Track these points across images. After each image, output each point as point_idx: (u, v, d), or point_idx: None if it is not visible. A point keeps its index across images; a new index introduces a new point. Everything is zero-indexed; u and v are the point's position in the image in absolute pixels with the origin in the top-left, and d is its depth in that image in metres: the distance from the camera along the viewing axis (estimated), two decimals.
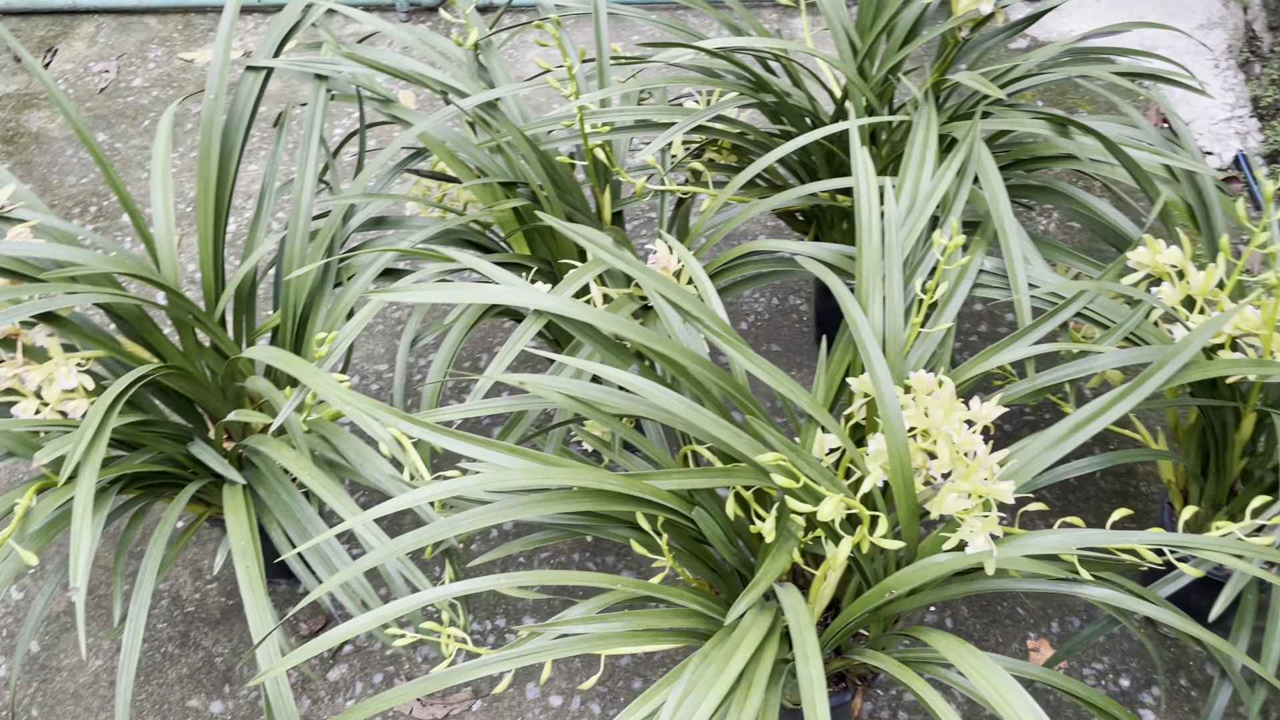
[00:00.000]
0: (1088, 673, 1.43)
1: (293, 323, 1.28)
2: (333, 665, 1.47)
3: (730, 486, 1.13)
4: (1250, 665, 0.98)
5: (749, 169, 1.29)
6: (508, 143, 1.30)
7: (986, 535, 0.97)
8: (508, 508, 0.93)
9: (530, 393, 1.06)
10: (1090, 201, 1.27)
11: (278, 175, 1.34)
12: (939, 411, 1.05)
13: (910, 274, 1.15)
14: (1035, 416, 1.71)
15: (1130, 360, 1.08)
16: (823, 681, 0.81)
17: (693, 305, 1.04)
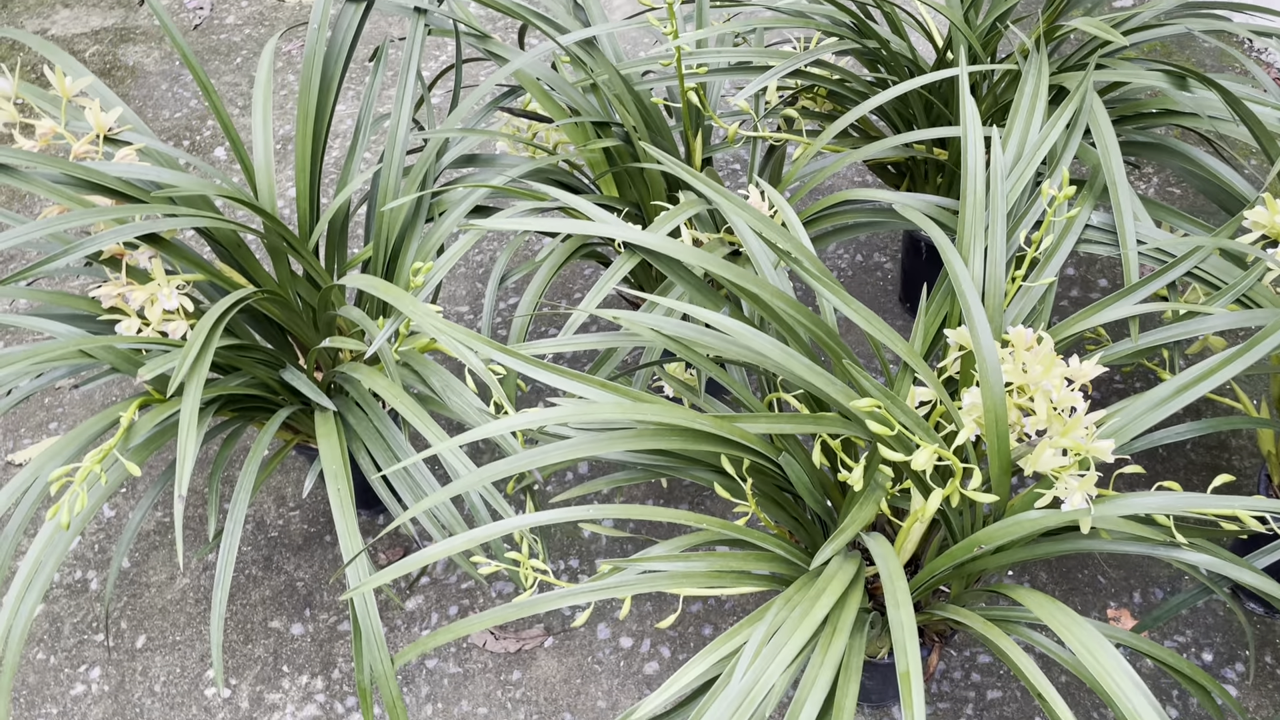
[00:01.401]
0: (1170, 644, 1.40)
1: (385, 255, 1.29)
2: (409, 595, 1.50)
3: (817, 434, 1.12)
4: None
5: (848, 115, 1.27)
6: (603, 81, 1.29)
7: (1084, 493, 0.95)
8: (596, 441, 0.93)
9: (622, 330, 1.06)
10: (1204, 160, 1.22)
11: (371, 112, 1.35)
12: (1037, 367, 1.02)
13: (1014, 226, 1.12)
14: (1125, 385, 1.66)
15: (1241, 323, 1.05)
16: (914, 627, 0.81)
17: (787, 242, 1.02)
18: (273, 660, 1.45)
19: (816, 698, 0.84)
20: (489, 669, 1.43)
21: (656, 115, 1.41)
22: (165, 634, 1.49)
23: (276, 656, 1.45)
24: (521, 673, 1.42)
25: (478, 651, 1.44)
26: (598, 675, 1.42)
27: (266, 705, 1.41)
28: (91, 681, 1.45)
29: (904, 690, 0.77)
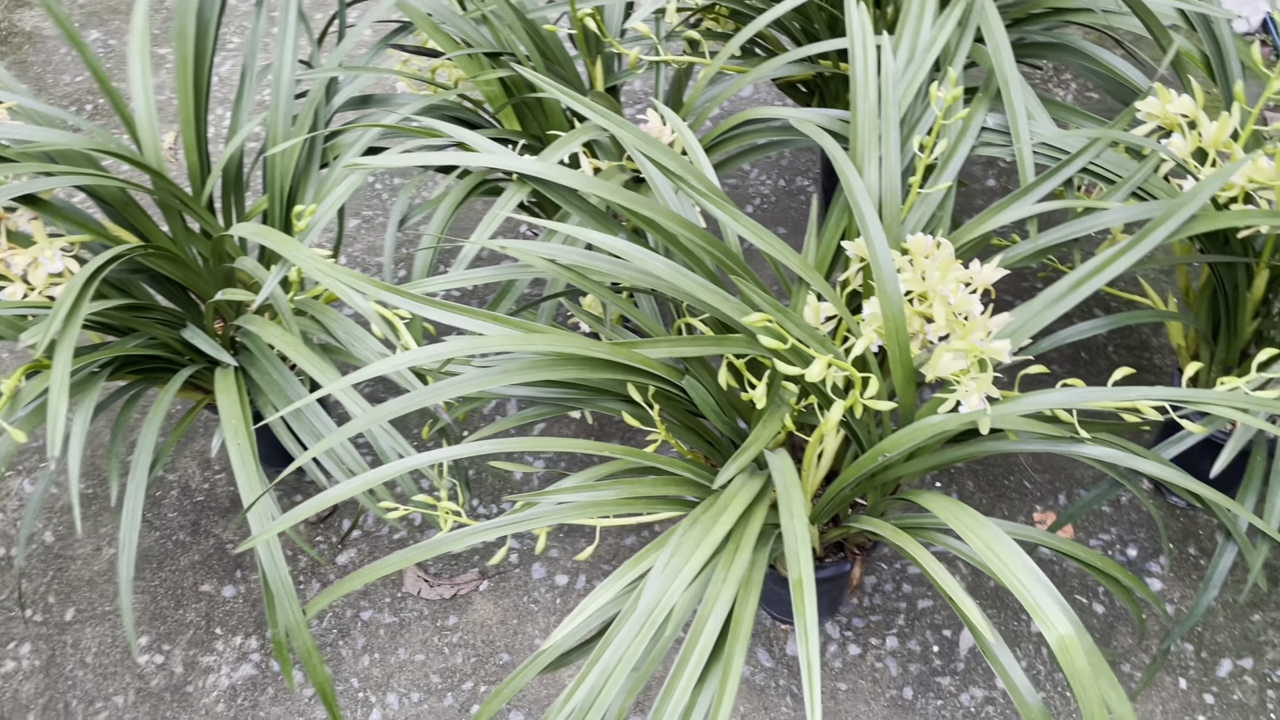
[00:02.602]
0: (1094, 543, 1.42)
1: (280, 205, 1.25)
2: (341, 550, 1.49)
3: (723, 356, 1.12)
4: (1253, 521, 0.97)
5: (742, 32, 1.24)
6: (492, 12, 1.25)
7: (981, 395, 0.95)
8: (488, 374, 0.92)
9: (518, 262, 1.04)
10: (1100, 55, 1.21)
11: (257, 58, 1.30)
12: (936, 273, 1.02)
13: (909, 133, 1.11)
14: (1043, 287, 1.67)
15: (1137, 216, 1.04)
16: (806, 536, 0.80)
17: (676, 164, 1.00)
18: (205, 624, 1.43)
19: (719, 613, 0.84)
20: (425, 616, 1.42)
21: (555, 43, 1.37)
22: (94, 605, 1.47)
23: (209, 619, 1.44)
24: (458, 617, 1.42)
25: (413, 600, 1.44)
26: (534, 614, 1.42)
27: (201, 668, 1.39)
28: (22, 658, 1.42)
29: (795, 598, 0.77)
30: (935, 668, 1.33)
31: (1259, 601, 1.36)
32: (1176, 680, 1.30)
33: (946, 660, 1.34)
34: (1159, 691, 1.29)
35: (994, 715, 1.29)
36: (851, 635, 1.37)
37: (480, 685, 1.35)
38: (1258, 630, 1.34)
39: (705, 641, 0.83)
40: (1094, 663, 0.84)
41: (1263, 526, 0.98)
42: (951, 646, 1.34)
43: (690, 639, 0.84)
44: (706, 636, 0.83)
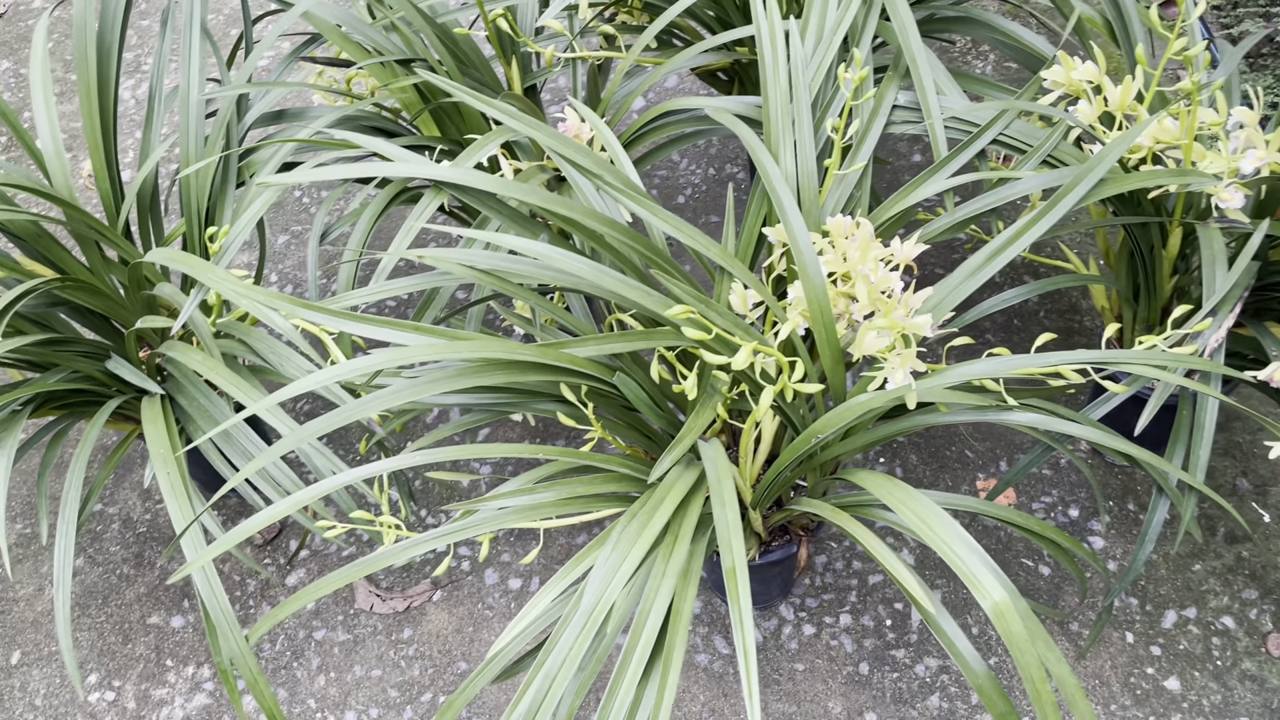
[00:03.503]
0: (1037, 506, 1.45)
1: (198, 226, 1.23)
2: (290, 570, 1.47)
3: (654, 349, 1.12)
4: (1179, 475, 0.99)
5: (653, 25, 1.24)
6: (401, 18, 1.24)
7: (906, 370, 0.96)
8: (415, 385, 0.91)
9: (438, 270, 1.03)
10: (1005, 26, 1.23)
11: (164, 79, 1.28)
12: (856, 253, 1.03)
13: (822, 115, 1.12)
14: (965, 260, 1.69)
15: (1049, 183, 1.06)
16: (739, 526, 0.81)
17: (591, 161, 1.00)
18: (155, 656, 1.41)
19: (660, 606, 0.84)
20: (379, 631, 1.41)
21: (469, 46, 1.36)
22: (40, 646, 1.44)
23: (159, 652, 1.42)
24: (413, 630, 1.41)
25: (366, 616, 1.43)
26: (489, 620, 1.41)
27: (154, 701, 1.37)
28: None
29: (729, 586, 0.77)
30: (889, 641, 1.35)
31: (1199, 551, 1.39)
32: (1124, 635, 1.33)
33: (900, 633, 1.35)
34: (1107, 647, 1.32)
35: (949, 684, 1.30)
36: (806, 615, 1.38)
37: (439, 696, 1.35)
38: (1199, 580, 1.37)
39: (648, 636, 0.83)
40: (1030, 626, 0.85)
41: (1189, 480, 1.00)
42: (904, 619, 1.36)
43: (633, 634, 0.84)
44: (649, 631, 0.83)
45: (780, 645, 1.36)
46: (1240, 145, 1.08)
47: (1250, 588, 1.35)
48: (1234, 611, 1.33)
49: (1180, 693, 1.27)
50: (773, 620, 1.38)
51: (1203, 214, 1.14)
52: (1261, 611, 1.33)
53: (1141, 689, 1.28)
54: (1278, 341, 1.09)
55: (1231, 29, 1.92)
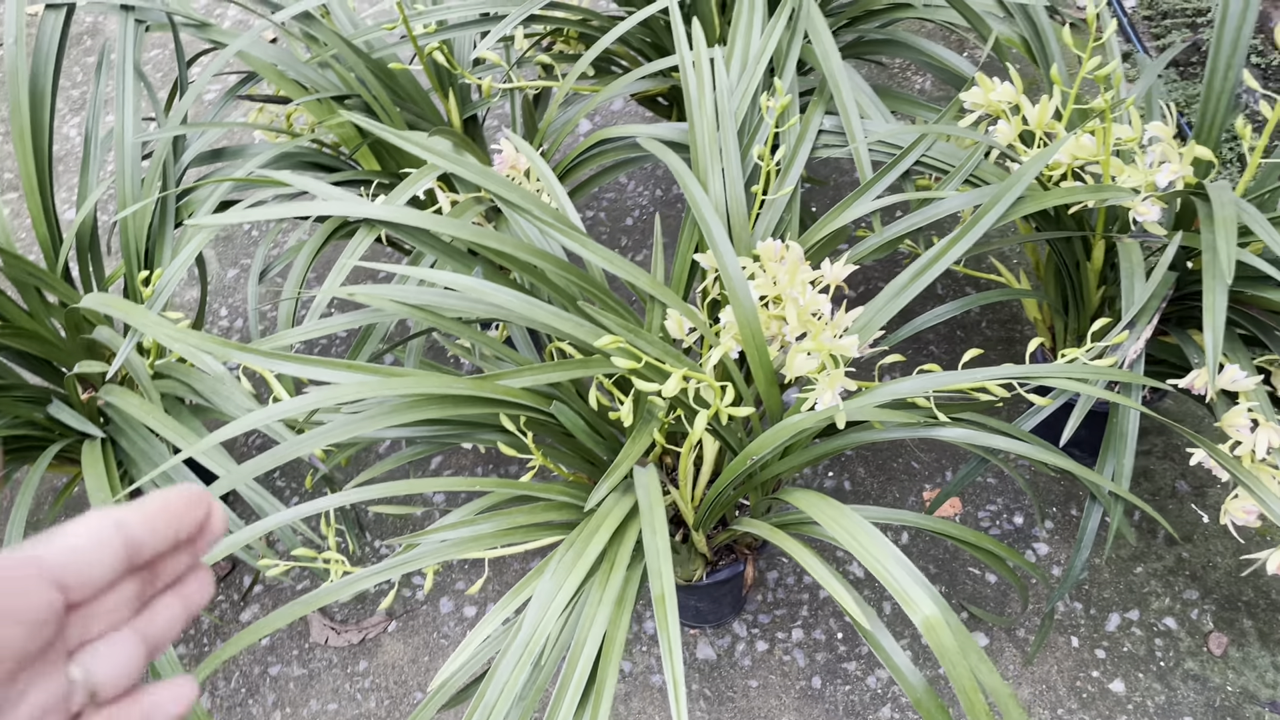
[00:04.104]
0: (982, 514, 1.47)
1: (137, 268, 1.24)
2: (244, 607, 1.47)
3: (593, 377, 1.13)
4: (1104, 483, 1.01)
5: (587, 54, 1.26)
6: (332, 55, 1.25)
7: (834, 392, 0.98)
8: (351, 422, 0.92)
9: (371, 307, 1.04)
10: (928, 47, 1.25)
11: (100, 121, 1.28)
12: (786, 276, 1.05)
13: (749, 142, 1.14)
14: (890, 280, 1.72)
15: (971, 201, 1.08)
16: (667, 550, 0.82)
17: (517, 195, 1.02)
18: None
19: (596, 633, 0.85)
20: (334, 665, 1.41)
21: (406, 80, 1.38)
22: None
23: None
24: (368, 661, 1.41)
25: (321, 650, 1.43)
26: (444, 649, 1.42)
27: None
28: None
29: (658, 612, 0.78)
30: (841, 654, 1.36)
31: (1141, 554, 1.41)
32: (1069, 639, 1.35)
33: (851, 646, 1.37)
34: (1053, 652, 1.34)
35: (899, 694, 1.32)
36: (759, 631, 1.39)
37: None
38: (1141, 582, 1.39)
39: (584, 664, 0.84)
40: (961, 639, 0.87)
41: (1114, 488, 1.02)
42: (855, 632, 1.38)
43: (569, 663, 0.85)
44: (584, 659, 0.84)
45: (734, 662, 1.37)
46: (1156, 159, 1.11)
47: (1191, 588, 1.38)
48: (1176, 612, 1.36)
49: (1125, 694, 1.30)
50: (726, 638, 1.39)
51: (1125, 227, 1.17)
52: (1202, 611, 1.36)
53: (1088, 692, 1.30)
54: (1200, 349, 1.12)
55: (1161, 38, 1.96)
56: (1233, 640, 1.33)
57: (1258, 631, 1.33)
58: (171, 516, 0.34)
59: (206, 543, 0.36)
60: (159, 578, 0.35)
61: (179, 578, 0.36)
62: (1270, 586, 1.37)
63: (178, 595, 0.36)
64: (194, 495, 0.35)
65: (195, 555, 0.36)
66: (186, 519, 0.34)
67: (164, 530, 0.34)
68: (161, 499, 0.34)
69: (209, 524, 0.36)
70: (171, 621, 0.35)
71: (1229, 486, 1.04)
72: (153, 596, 0.35)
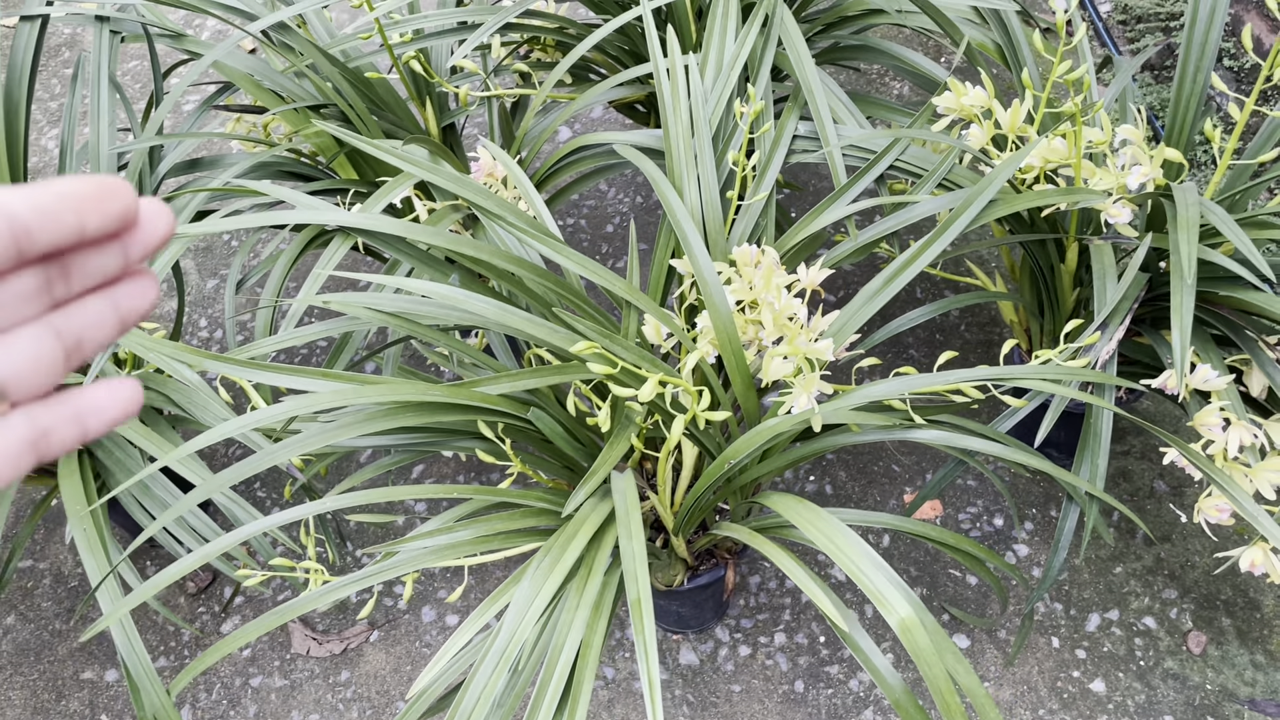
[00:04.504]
0: (963, 516, 1.48)
1: None
2: (225, 618, 1.47)
3: (571, 383, 1.13)
4: (1079, 484, 1.02)
5: (562, 62, 1.26)
6: (310, 65, 1.25)
7: (810, 395, 0.98)
8: (326, 431, 0.92)
9: (347, 315, 1.04)
10: (903, 53, 1.26)
11: (75, 132, 1.28)
12: (761, 281, 1.05)
13: (724, 148, 1.14)
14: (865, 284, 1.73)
15: (945, 205, 1.09)
16: (643, 554, 0.82)
17: (493, 203, 1.02)
18: (90, 712, 1.40)
19: (573, 640, 0.85)
20: (316, 675, 1.41)
21: (384, 89, 1.38)
22: None
23: (93, 707, 1.40)
24: (350, 671, 1.41)
25: (303, 660, 1.42)
26: (427, 658, 1.41)
27: None
28: None
29: (635, 617, 0.79)
30: (823, 658, 1.37)
31: (1119, 554, 1.42)
32: (1049, 640, 1.35)
33: (833, 649, 1.37)
34: (1034, 653, 1.35)
35: (882, 697, 1.32)
36: (741, 636, 1.39)
37: None
38: (1120, 582, 1.40)
39: (561, 671, 0.84)
40: (937, 640, 0.87)
41: (1090, 488, 1.03)
42: (837, 636, 1.38)
43: (546, 670, 0.85)
44: (561, 666, 0.84)
45: (717, 668, 1.37)
46: (1127, 161, 1.12)
47: (1170, 587, 1.39)
48: (1155, 612, 1.37)
49: (1106, 694, 1.31)
50: (709, 643, 1.39)
51: (1098, 230, 1.18)
52: (1181, 610, 1.36)
53: (1069, 692, 1.31)
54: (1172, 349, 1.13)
55: (1135, 41, 1.98)
56: (1211, 639, 1.33)
57: (1236, 630, 1.34)
58: (73, 203, 0.29)
59: (141, 244, 0.31)
60: (72, 277, 0.30)
61: (108, 281, 0.31)
62: (1248, 585, 1.38)
63: (105, 297, 0.31)
64: (104, 183, 0.30)
65: (126, 256, 0.31)
66: (92, 208, 0.29)
67: (61, 216, 0.28)
68: (59, 184, 0.29)
69: (137, 220, 0.30)
70: (97, 323, 0.30)
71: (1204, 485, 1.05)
72: (70, 299, 0.30)
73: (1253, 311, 1.03)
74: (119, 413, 0.31)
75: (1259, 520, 0.93)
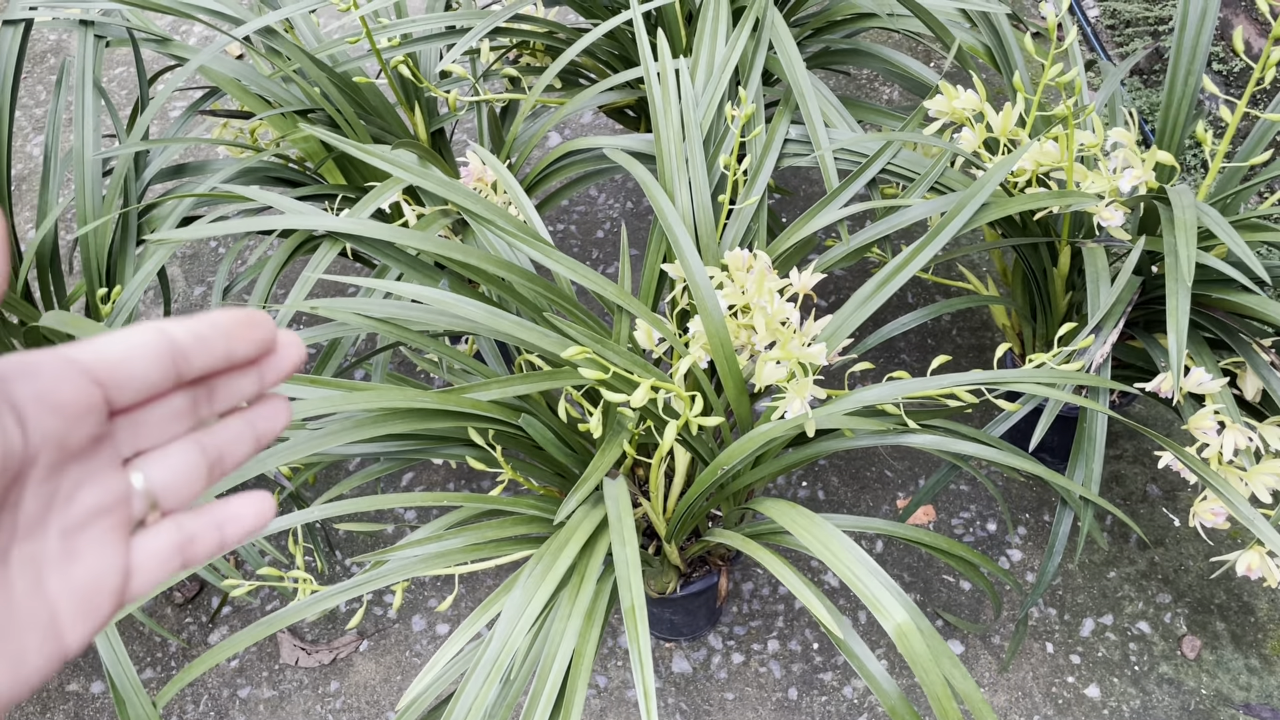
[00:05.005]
0: (956, 522, 1.47)
1: (99, 285, 1.22)
2: (212, 628, 1.45)
3: (562, 389, 1.12)
4: (1073, 488, 1.01)
5: (552, 67, 1.26)
6: (297, 70, 1.24)
7: (803, 400, 0.97)
8: (319, 437, 0.91)
9: (335, 321, 1.03)
10: (893, 57, 1.26)
11: (60, 138, 1.27)
12: (754, 285, 1.04)
13: (715, 152, 1.14)
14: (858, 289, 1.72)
15: (937, 209, 1.09)
16: (637, 561, 0.81)
17: (482, 207, 1.01)
18: None
19: (566, 648, 0.84)
20: (305, 686, 1.39)
21: (372, 94, 1.37)
22: None
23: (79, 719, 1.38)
24: (339, 682, 1.39)
25: (291, 670, 1.40)
26: (417, 668, 1.40)
27: None
28: None
29: (629, 624, 0.78)
30: (817, 665, 1.36)
31: (1113, 559, 1.42)
32: (1044, 645, 1.35)
33: (827, 656, 1.36)
34: (1029, 659, 1.34)
35: (877, 704, 1.31)
36: (734, 643, 1.38)
37: None
38: (1115, 586, 1.40)
39: (554, 679, 0.83)
40: (933, 646, 0.86)
41: (1084, 492, 1.02)
42: (830, 642, 1.37)
43: (539, 679, 0.84)
44: (554, 674, 0.83)
45: (710, 675, 1.36)
46: (1119, 165, 1.12)
47: (1164, 592, 1.38)
48: (1149, 616, 1.36)
49: (1101, 700, 1.30)
50: (702, 650, 1.38)
51: (1090, 233, 1.17)
52: (1175, 615, 1.36)
53: (1063, 698, 1.30)
54: (1166, 353, 1.13)
55: (1124, 45, 1.98)
56: (1206, 643, 1.33)
57: (1230, 634, 1.33)
58: (223, 331, 0.32)
59: (276, 370, 0.34)
60: (216, 398, 0.33)
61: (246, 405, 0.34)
62: (1241, 589, 1.37)
63: (244, 419, 0.34)
64: (249, 314, 0.33)
65: (262, 381, 0.34)
66: (240, 335, 0.32)
67: (214, 343, 0.32)
68: (211, 315, 0.32)
69: (275, 348, 0.34)
70: (237, 441, 0.34)
71: (1198, 489, 1.04)
72: (213, 418, 0.33)
73: (1246, 314, 1.03)
74: (254, 523, 0.34)
75: (1255, 524, 0.92)
